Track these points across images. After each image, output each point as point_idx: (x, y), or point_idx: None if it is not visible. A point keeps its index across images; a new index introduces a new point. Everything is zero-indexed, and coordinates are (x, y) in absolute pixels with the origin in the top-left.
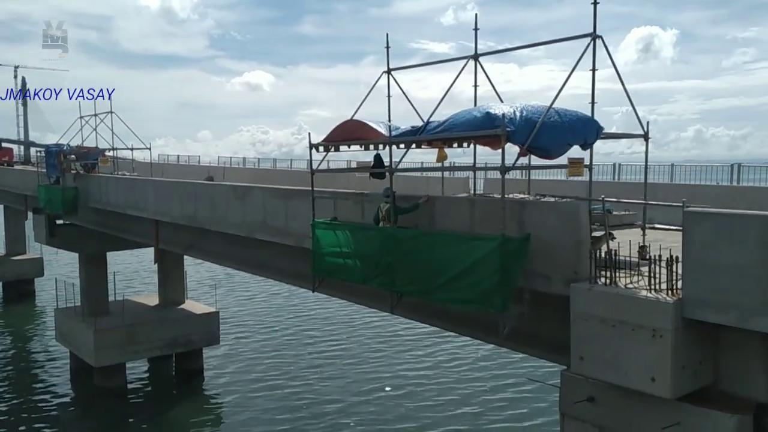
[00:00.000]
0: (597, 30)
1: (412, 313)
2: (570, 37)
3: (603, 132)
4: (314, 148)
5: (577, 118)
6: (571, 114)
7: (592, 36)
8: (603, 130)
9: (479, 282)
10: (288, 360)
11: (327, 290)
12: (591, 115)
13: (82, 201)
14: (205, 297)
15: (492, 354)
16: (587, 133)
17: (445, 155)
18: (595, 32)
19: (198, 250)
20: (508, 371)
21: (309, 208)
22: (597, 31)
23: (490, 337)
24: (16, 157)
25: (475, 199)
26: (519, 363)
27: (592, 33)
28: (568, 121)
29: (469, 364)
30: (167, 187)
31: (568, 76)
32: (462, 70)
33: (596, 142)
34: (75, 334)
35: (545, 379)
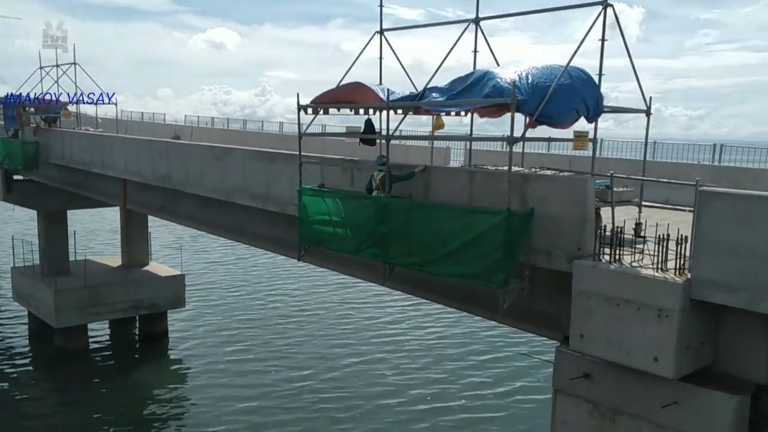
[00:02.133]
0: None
1: (405, 286)
2: (580, 5)
3: (605, 106)
4: (303, 110)
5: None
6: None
7: (603, 3)
8: (603, 100)
9: (481, 256)
10: (254, 324)
11: (313, 259)
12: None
13: (43, 156)
14: (170, 259)
15: (479, 328)
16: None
17: (443, 123)
18: (606, 0)
19: (169, 213)
20: (496, 346)
21: (294, 173)
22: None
23: (488, 313)
24: None
25: (475, 171)
26: (507, 337)
27: (603, 1)
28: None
29: (451, 336)
30: (138, 145)
31: (580, 44)
32: (462, 34)
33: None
34: (34, 294)
35: (534, 354)
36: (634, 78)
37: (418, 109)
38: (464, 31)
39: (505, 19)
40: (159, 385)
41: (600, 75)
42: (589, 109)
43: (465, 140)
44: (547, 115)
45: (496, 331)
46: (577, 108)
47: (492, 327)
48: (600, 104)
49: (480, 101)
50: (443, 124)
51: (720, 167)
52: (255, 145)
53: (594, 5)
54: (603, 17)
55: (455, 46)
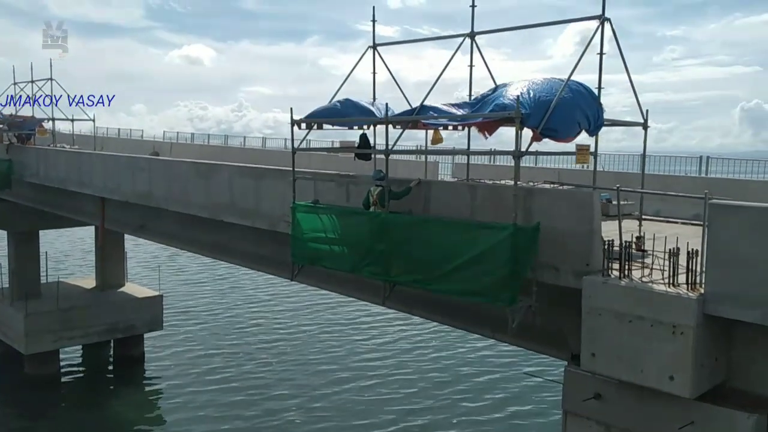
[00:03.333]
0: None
1: (406, 305)
2: (578, 18)
3: (605, 119)
4: (296, 124)
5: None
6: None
7: (600, 18)
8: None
9: (487, 273)
10: (235, 346)
11: (307, 279)
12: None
13: (16, 174)
14: (147, 280)
15: (479, 347)
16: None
17: (441, 138)
18: (603, 14)
19: (150, 232)
20: (499, 365)
21: (284, 189)
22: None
23: (495, 332)
24: None
25: (477, 185)
26: (510, 356)
27: (600, 15)
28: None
29: (450, 356)
30: (117, 161)
31: (580, 58)
32: (458, 48)
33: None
34: (3, 319)
35: (539, 374)
36: (605, 94)
37: (416, 124)
38: (460, 45)
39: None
40: (134, 414)
41: (599, 88)
42: (591, 122)
43: (464, 154)
44: (551, 128)
45: (498, 350)
46: (579, 121)
47: (492, 346)
48: (600, 117)
49: (484, 115)
50: (442, 139)
51: (708, 179)
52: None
53: (592, 19)
54: (601, 32)
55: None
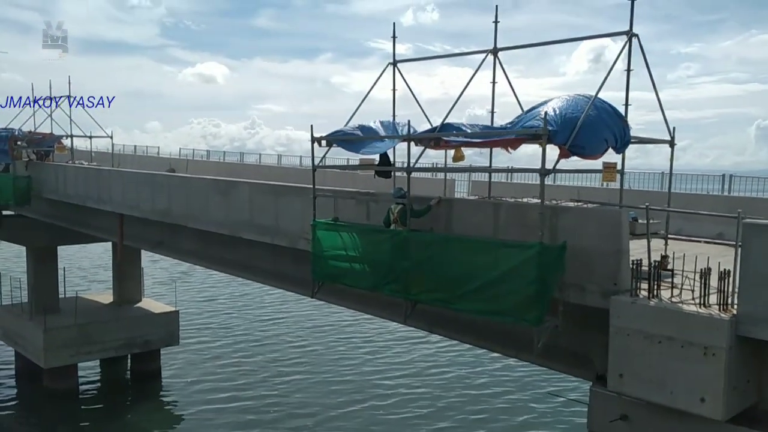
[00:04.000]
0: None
1: (427, 324)
2: (607, 34)
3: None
4: (316, 142)
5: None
6: (606, 106)
7: (628, 34)
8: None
9: (512, 293)
10: (251, 361)
11: (328, 297)
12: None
13: (35, 191)
14: (163, 295)
15: (497, 367)
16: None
17: (462, 155)
18: (631, 30)
19: (168, 248)
20: (519, 385)
21: (304, 206)
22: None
23: (520, 353)
24: None
25: (500, 203)
26: (530, 376)
27: (628, 31)
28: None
29: (468, 376)
30: (137, 178)
31: (608, 74)
32: (480, 66)
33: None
34: (22, 333)
35: (561, 394)
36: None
37: (438, 142)
38: (483, 61)
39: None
40: (152, 428)
41: (626, 105)
42: (617, 139)
43: (486, 171)
44: (579, 145)
45: (519, 369)
46: (607, 138)
47: (513, 365)
48: (627, 134)
49: (512, 132)
50: (463, 156)
51: (731, 197)
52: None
53: (619, 35)
54: (629, 48)
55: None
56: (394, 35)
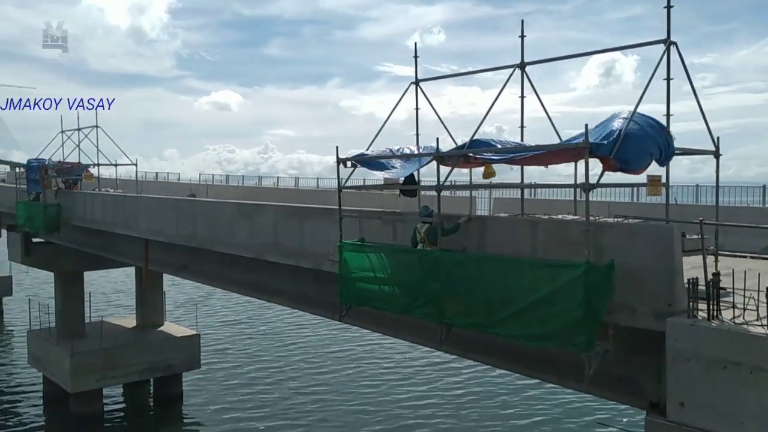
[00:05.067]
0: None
1: (464, 350)
2: (645, 43)
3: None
4: (342, 163)
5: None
6: (647, 119)
7: (666, 42)
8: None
9: (557, 316)
10: (272, 385)
11: (356, 320)
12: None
13: (64, 218)
14: (184, 319)
15: (540, 392)
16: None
17: (493, 172)
18: (669, 38)
19: (192, 272)
20: (563, 412)
21: (328, 228)
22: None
23: (563, 379)
24: None
25: (538, 220)
26: (573, 402)
27: (666, 39)
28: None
29: (506, 404)
30: (163, 204)
31: (647, 85)
32: (508, 80)
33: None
34: (50, 358)
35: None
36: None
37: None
38: (510, 76)
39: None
40: None
41: (668, 116)
42: (662, 151)
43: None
44: (623, 159)
45: (558, 395)
46: (651, 151)
47: (552, 392)
48: (671, 146)
49: (554, 146)
50: (494, 173)
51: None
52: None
53: (657, 43)
54: (667, 56)
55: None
56: (416, 55)
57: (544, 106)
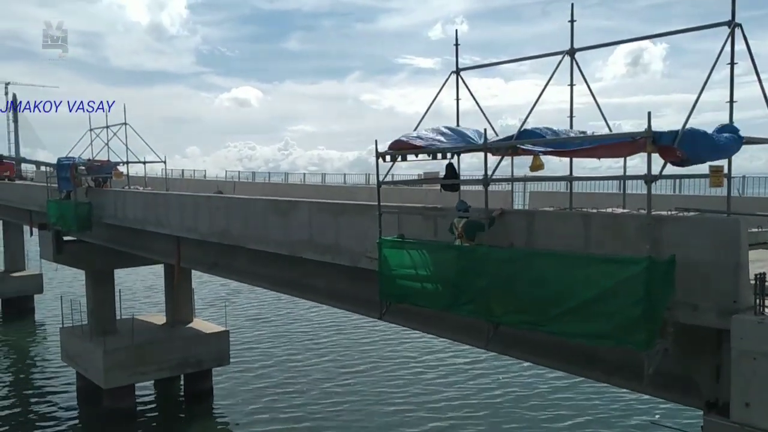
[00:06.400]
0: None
1: (513, 349)
2: (710, 25)
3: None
4: (380, 157)
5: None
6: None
7: (731, 24)
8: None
9: (615, 313)
10: (301, 380)
11: (397, 318)
12: (730, 118)
13: (95, 217)
14: (214, 315)
15: (588, 390)
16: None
17: (541, 164)
18: (734, 19)
19: (224, 269)
20: (613, 410)
21: (365, 224)
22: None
23: (626, 380)
24: None
25: (591, 214)
26: (621, 401)
27: (730, 21)
28: None
29: (554, 404)
30: (195, 201)
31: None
32: (558, 67)
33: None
34: (82, 354)
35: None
36: (659, 115)
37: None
38: (559, 63)
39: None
40: None
41: (731, 103)
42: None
43: (566, 180)
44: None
45: (604, 393)
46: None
47: (599, 390)
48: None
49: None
50: (542, 165)
51: None
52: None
53: (720, 26)
54: (731, 39)
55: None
56: (456, 43)
57: (593, 94)
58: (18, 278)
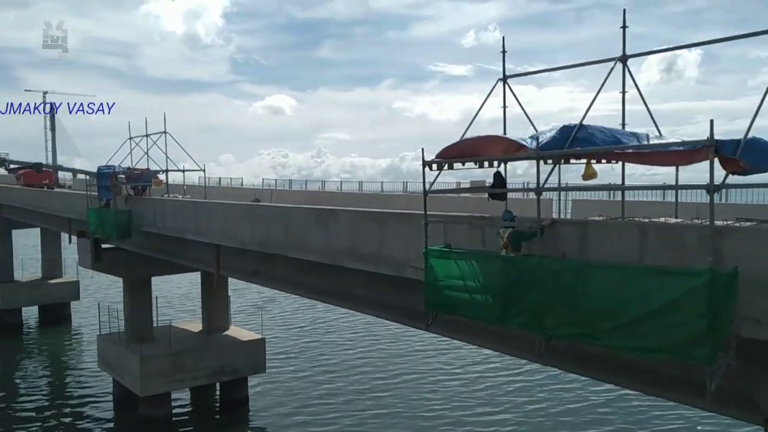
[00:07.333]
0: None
1: (566, 362)
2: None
3: None
4: (427, 165)
5: None
6: None
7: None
8: None
9: (676, 327)
10: (337, 389)
11: (443, 329)
12: None
13: (135, 225)
14: (250, 322)
15: (639, 405)
16: None
17: (594, 172)
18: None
19: (264, 278)
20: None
21: (408, 233)
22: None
23: (681, 395)
24: None
25: (647, 224)
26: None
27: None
28: None
29: (599, 419)
30: (235, 209)
31: None
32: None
33: None
34: (119, 362)
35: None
36: (693, 122)
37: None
38: (611, 70)
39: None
40: None
41: None
42: None
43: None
44: (747, 159)
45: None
46: None
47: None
48: None
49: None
50: (595, 174)
51: None
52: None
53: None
54: None
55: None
56: (503, 50)
57: (644, 100)
58: (55, 285)
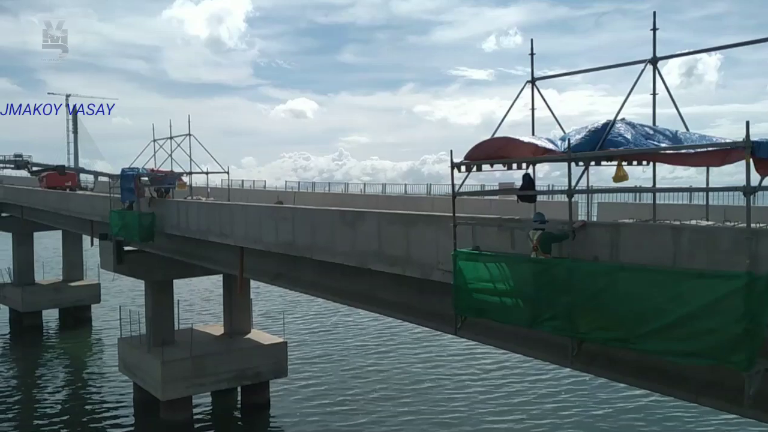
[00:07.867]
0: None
1: (597, 367)
2: None
3: None
4: (456, 167)
5: None
6: None
7: None
8: None
9: (712, 331)
10: (359, 394)
11: (472, 333)
12: None
13: (158, 227)
14: (271, 326)
15: (676, 411)
16: None
17: (625, 175)
18: None
19: (289, 280)
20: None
21: (436, 236)
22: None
23: (716, 400)
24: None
25: (682, 227)
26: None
27: None
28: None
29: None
30: (260, 212)
31: None
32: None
33: None
34: (140, 365)
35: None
36: (714, 126)
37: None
38: (642, 71)
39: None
40: None
41: None
42: None
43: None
44: None
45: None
46: None
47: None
48: None
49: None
50: (626, 176)
51: None
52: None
53: None
54: None
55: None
56: (532, 52)
57: (675, 103)
58: (76, 288)
